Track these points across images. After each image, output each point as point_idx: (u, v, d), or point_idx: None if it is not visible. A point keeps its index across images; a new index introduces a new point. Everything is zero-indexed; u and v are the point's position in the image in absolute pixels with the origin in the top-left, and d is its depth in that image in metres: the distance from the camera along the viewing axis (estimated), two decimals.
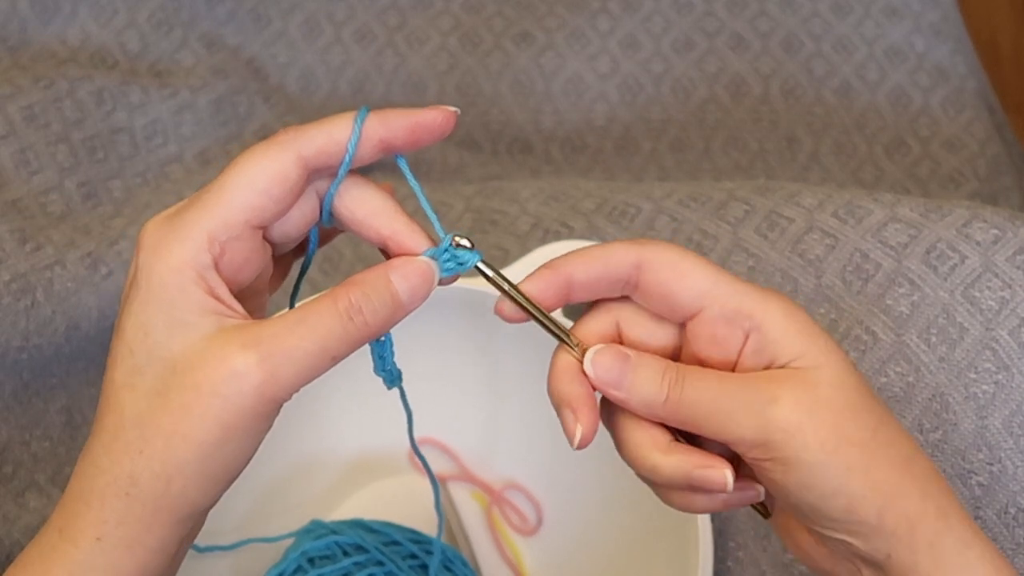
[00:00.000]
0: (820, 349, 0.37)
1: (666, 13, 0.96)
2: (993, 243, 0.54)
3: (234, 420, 0.34)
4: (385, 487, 0.68)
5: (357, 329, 0.36)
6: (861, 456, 0.35)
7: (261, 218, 0.36)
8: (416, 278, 0.37)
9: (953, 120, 0.91)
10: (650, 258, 0.38)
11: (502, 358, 0.65)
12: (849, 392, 0.36)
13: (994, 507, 0.50)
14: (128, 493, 0.35)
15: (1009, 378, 0.51)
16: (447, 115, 0.37)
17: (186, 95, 0.81)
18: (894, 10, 0.96)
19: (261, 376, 0.34)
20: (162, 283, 0.35)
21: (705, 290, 0.37)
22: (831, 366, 0.36)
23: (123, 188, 0.76)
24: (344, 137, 0.36)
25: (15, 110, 0.74)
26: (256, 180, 0.36)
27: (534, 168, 0.91)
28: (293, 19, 0.95)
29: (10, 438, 0.63)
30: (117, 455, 0.35)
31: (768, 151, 0.91)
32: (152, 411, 0.35)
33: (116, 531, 0.35)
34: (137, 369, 0.35)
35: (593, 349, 0.38)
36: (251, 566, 0.62)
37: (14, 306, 0.62)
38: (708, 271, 0.37)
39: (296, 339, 0.35)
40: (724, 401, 0.36)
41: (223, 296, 0.36)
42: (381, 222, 0.38)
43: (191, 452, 0.34)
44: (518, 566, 0.66)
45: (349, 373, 0.55)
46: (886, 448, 0.36)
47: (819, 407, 0.35)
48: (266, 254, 0.38)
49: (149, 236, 0.36)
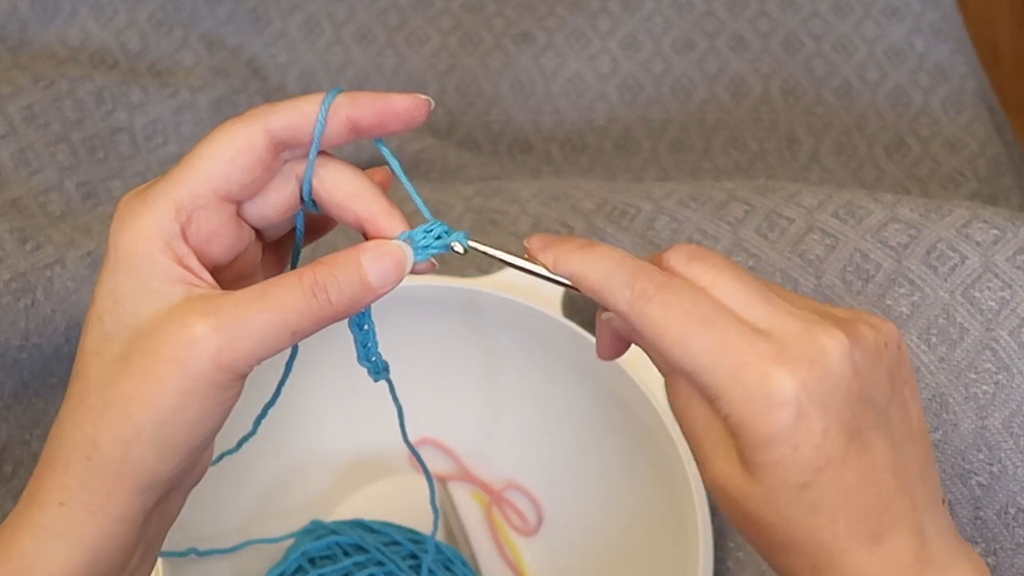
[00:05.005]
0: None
1: (666, 13, 0.96)
2: (993, 243, 0.54)
3: (191, 387, 0.34)
4: (385, 487, 0.68)
5: (320, 306, 0.35)
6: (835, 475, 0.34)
7: (227, 188, 0.36)
8: (387, 260, 0.37)
9: (953, 120, 0.91)
10: (641, 327, 0.36)
11: (502, 358, 0.65)
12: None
13: (994, 507, 0.50)
14: (89, 457, 0.35)
15: (1009, 378, 0.51)
16: (418, 103, 0.37)
17: (186, 95, 0.81)
18: (894, 10, 0.96)
19: (217, 344, 0.34)
20: (129, 251, 0.35)
21: (687, 366, 0.35)
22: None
23: (123, 188, 0.76)
24: (312, 111, 0.36)
25: (15, 110, 0.74)
26: (222, 150, 0.36)
27: (534, 168, 0.91)
28: (293, 19, 0.95)
29: (10, 437, 0.63)
30: (80, 419, 0.35)
31: (768, 151, 0.91)
32: (114, 376, 0.35)
33: (78, 496, 0.35)
34: (105, 336, 0.35)
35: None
36: (251, 566, 0.62)
37: (14, 305, 0.62)
38: (702, 345, 0.35)
39: (256, 310, 0.34)
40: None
41: (192, 265, 0.36)
42: (359, 204, 0.38)
43: (149, 416, 0.34)
44: (518, 566, 0.66)
45: (349, 373, 0.55)
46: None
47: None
48: (242, 233, 0.38)
49: (121, 208, 0.36)
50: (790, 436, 0.33)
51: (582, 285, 0.37)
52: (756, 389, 0.33)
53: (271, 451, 0.60)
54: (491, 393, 0.67)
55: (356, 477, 0.68)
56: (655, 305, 0.35)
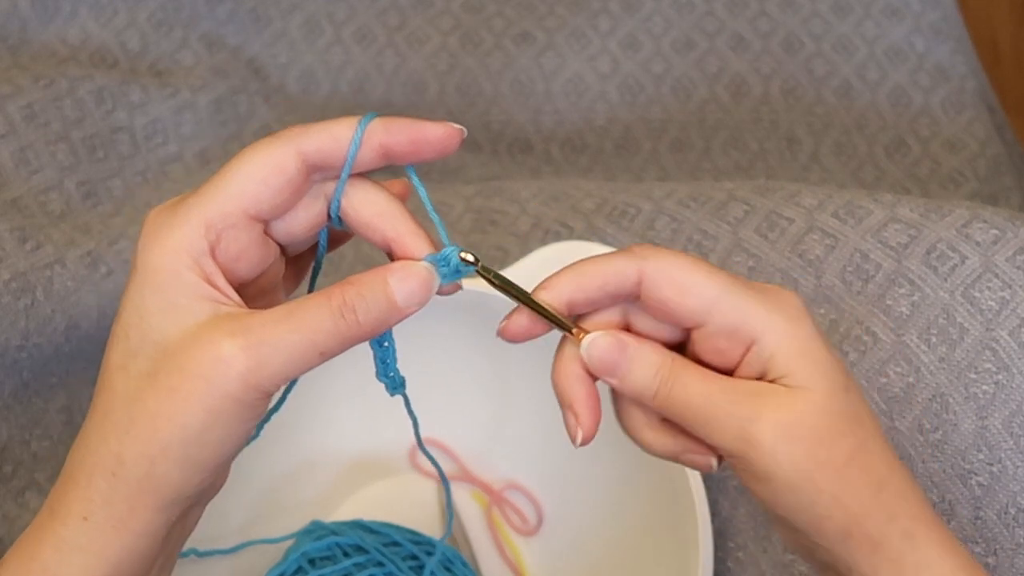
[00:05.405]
0: (813, 371, 0.37)
1: (666, 13, 0.96)
2: (993, 243, 0.54)
3: (218, 405, 0.34)
4: (385, 487, 0.68)
5: (348, 327, 0.36)
6: (833, 481, 0.36)
7: (258, 208, 0.36)
8: (414, 282, 0.37)
9: (953, 120, 0.91)
10: (651, 273, 0.38)
11: (502, 358, 0.65)
12: (833, 417, 0.37)
13: (994, 507, 0.50)
14: (114, 473, 0.35)
15: (1009, 378, 0.51)
16: (451, 132, 0.37)
17: (186, 95, 0.81)
18: (894, 10, 0.96)
19: (246, 363, 0.34)
20: (157, 267, 0.35)
21: (706, 306, 0.37)
22: (820, 389, 0.37)
23: (123, 187, 0.76)
24: (345, 136, 0.37)
25: (15, 109, 0.74)
26: (254, 170, 0.36)
27: (534, 168, 0.91)
28: (293, 19, 0.95)
29: (10, 437, 0.63)
30: (105, 435, 0.35)
31: (768, 151, 0.91)
32: (141, 392, 0.35)
33: (102, 511, 0.35)
34: (131, 351, 0.35)
35: (590, 335, 0.38)
36: (251, 567, 0.62)
37: (14, 305, 0.62)
38: (710, 285, 0.37)
39: (284, 330, 0.35)
40: (709, 409, 0.37)
41: (219, 283, 0.36)
42: (387, 225, 0.38)
43: (175, 434, 0.34)
44: (518, 566, 0.66)
45: (349, 374, 0.55)
46: (859, 473, 0.37)
47: (798, 431, 0.36)
48: (269, 250, 0.38)
49: (149, 223, 0.36)
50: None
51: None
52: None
53: (271, 452, 0.60)
54: (491, 393, 0.67)
55: (356, 477, 0.68)
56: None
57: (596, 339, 0.38)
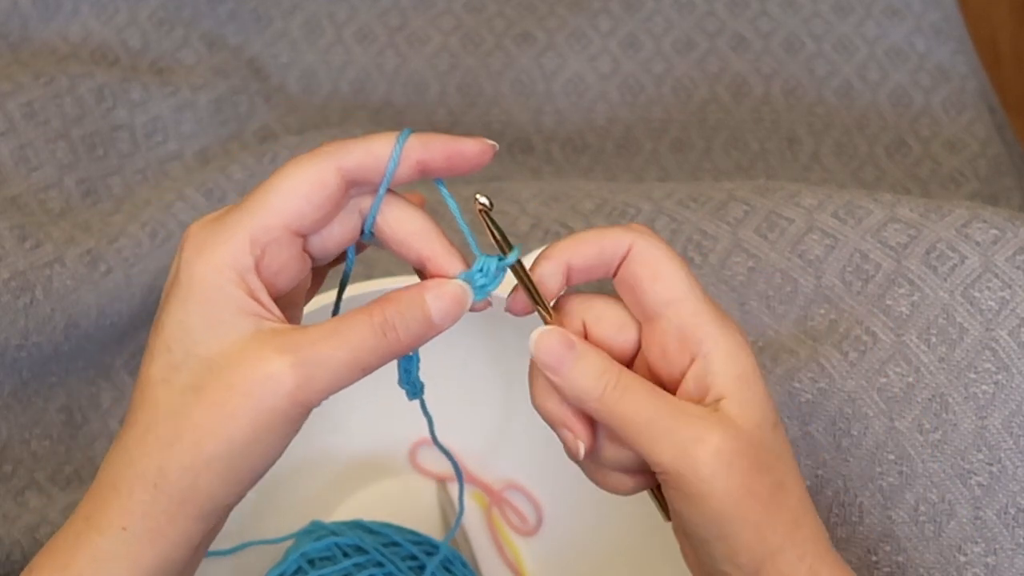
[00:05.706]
0: (751, 399, 0.38)
1: (667, 13, 0.96)
2: (993, 243, 0.54)
3: (265, 421, 0.35)
4: (385, 487, 0.68)
5: (389, 344, 0.37)
6: (759, 513, 0.37)
7: (300, 223, 0.37)
8: (449, 299, 0.38)
9: (954, 120, 0.91)
10: (638, 249, 0.39)
11: (502, 358, 0.65)
12: (763, 451, 0.37)
13: (994, 507, 0.50)
14: (156, 485, 0.36)
15: (1009, 378, 0.51)
16: (485, 148, 0.39)
17: (187, 93, 0.81)
18: (895, 10, 0.96)
19: (295, 381, 0.35)
20: (203, 282, 0.36)
21: (671, 299, 0.38)
22: (753, 419, 0.37)
23: (123, 185, 0.76)
24: (383, 153, 0.38)
25: (15, 107, 0.74)
26: (297, 186, 0.37)
27: (535, 168, 0.91)
28: (294, 19, 0.95)
29: (10, 437, 0.63)
30: (148, 448, 0.36)
31: (769, 151, 0.91)
32: (186, 406, 0.35)
33: (141, 522, 0.36)
34: (174, 365, 0.36)
35: (540, 329, 0.39)
36: (251, 567, 0.62)
37: (13, 304, 0.62)
38: (682, 283, 0.38)
39: (331, 348, 0.36)
40: (654, 423, 0.37)
41: (263, 299, 0.37)
42: (421, 243, 0.39)
43: (220, 449, 0.35)
44: (518, 566, 0.66)
45: None
46: (780, 509, 0.37)
47: (737, 459, 0.37)
48: (305, 265, 0.39)
49: (193, 236, 0.37)
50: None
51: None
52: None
53: None
54: (491, 394, 0.67)
55: (356, 477, 0.68)
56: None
57: (545, 333, 0.39)
